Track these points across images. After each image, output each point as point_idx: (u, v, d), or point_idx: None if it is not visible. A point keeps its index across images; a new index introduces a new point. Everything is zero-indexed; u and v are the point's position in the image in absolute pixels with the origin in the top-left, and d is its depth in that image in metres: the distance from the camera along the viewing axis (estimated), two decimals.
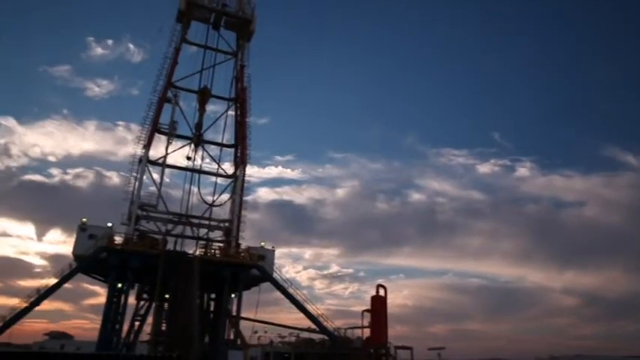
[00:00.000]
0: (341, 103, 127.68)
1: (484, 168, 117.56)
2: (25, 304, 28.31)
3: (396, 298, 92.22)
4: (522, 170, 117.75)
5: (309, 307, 32.86)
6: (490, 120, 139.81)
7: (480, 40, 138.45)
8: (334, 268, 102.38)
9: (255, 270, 32.25)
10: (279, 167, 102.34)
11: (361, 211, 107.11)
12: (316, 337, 34.41)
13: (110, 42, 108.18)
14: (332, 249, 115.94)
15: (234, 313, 32.54)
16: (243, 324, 33.44)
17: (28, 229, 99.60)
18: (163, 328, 31.62)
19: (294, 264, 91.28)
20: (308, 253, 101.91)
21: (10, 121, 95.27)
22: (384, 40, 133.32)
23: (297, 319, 34.54)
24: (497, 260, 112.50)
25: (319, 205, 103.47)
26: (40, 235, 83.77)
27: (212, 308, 34.12)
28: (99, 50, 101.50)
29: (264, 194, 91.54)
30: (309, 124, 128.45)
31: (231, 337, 32.20)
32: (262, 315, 33.95)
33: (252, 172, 36.78)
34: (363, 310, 33.99)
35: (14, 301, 29.39)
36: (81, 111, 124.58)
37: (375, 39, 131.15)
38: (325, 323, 32.78)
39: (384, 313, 33.65)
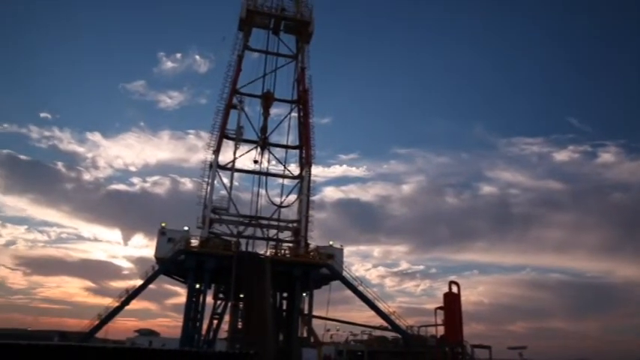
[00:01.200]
0: (403, 98, 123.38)
1: (561, 156, 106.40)
2: (116, 304, 30.13)
3: (471, 295, 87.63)
4: (606, 156, 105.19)
5: (380, 305, 32.15)
6: (565, 104, 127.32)
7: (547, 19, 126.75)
8: (404, 266, 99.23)
9: (324, 269, 32.08)
10: (344, 166, 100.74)
11: (429, 206, 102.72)
12: (389, 335, 33.63)
13: (179, 55, 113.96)
14: (401, 246, 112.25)
15: (305, 312, 32.67)
16: (315, 322, 33.43)
17: (116, 234, 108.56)
18: (239, 325, 32.52)
19: (363, 262, 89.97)
20: (377, 250, 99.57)
21: (97, 136, 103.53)
22: (444, 27, 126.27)
23: (368, 317, 33.98)
24: (581, 254, 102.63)
25: (386, 202, 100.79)
26: (126, 239, 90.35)
27: (284, 307, 34.44)
28: (169, 64, 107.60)
29: (331, 193, 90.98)
30: (371, 121, 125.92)
31: (304, 334, 32.36)
32: (333, 313, 33.74)
33: (317, 171, 36.70)
34: (436, 308, 32.57)
35: (107, 301, 31.35)
36: (155, 122, 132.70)
37: (435, 26, 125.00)
38: (397, 321, 31.90)
39: (458, 311, 32.03)
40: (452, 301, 32.63)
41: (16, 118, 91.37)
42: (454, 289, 32.98)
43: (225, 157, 34.67)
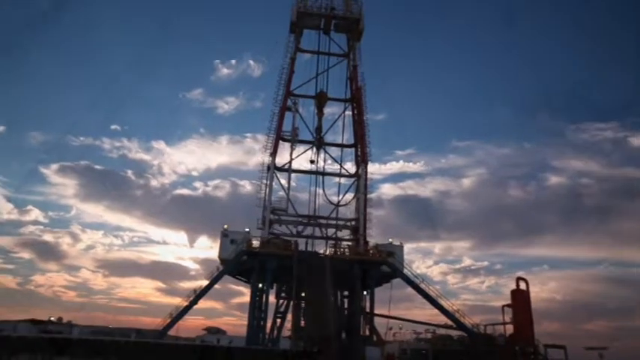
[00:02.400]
0: (458, 90, 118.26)
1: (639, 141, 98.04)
2: (185, 303, 30.93)
3: (541, 292, 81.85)
4: None
5: (444, 303, 31.00)
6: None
7: None
8: (467, 262, 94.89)
9: (385, 266, 31.31)
10: (401, 162, 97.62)
11: (492, 200, 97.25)
12: (454, 333, 32.36)
13: (233, 61, 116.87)
14: (463, 242, 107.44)
15: (367, 310, 32.10)
16: (378, 320, 32.79)
17: (182, 237, 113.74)
18: (302, 324, 32.47)
19: (424, 259, 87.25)
20: (438, 247, 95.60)
21: (161, 144, 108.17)
22: (501, 12, 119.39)
23: (431, 315, 32.78)
24: None
25: (445, 197, 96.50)
26: (191, 241, 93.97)
27: (346, 305, 34.05)
28: (225, 70, 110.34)
29: (388, 190, 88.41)
30: (427, 115, 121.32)
31: (367, 333, 31.79)
32: (396, 311, 32.84)
33: (373, 169, 35.90)
34: (504, 305, 30.89)
35: (177, 300, 32.25)
36: (214, 128, 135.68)
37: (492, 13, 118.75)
38: (462, 319, 30.62)
39: (527, 308, 30.21)
40: (520, 298, 30.83)
41: (91, 132, 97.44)
42: (522, 285, 31.18)
43: (281, 158, 34.81)
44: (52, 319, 33.43)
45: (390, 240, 33.32)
